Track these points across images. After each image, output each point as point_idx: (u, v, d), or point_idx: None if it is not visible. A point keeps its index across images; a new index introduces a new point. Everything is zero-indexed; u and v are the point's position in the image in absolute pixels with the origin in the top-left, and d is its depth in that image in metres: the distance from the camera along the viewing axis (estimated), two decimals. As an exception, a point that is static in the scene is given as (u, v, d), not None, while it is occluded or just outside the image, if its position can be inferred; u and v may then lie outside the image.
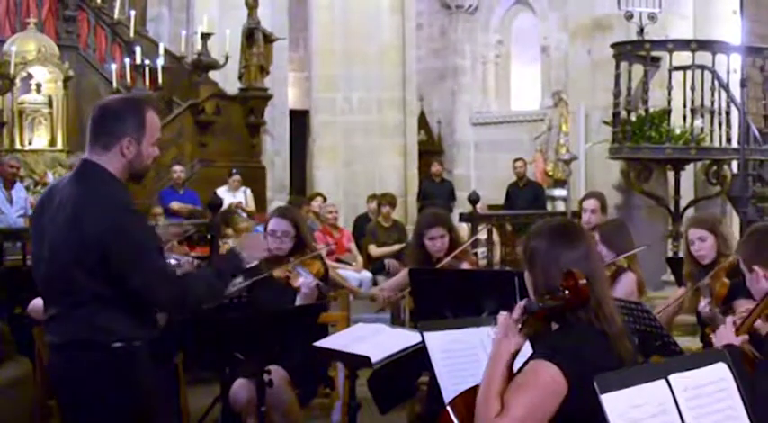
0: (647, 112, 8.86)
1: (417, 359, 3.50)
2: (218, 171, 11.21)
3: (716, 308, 4.41)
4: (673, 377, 2.24)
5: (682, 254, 5.76)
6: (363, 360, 3.71)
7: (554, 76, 14.92)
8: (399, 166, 12.64)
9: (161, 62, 11.67)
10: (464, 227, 8.46)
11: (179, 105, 11.67)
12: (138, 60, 11.68)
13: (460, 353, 3.11)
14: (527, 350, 2.58)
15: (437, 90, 16.75)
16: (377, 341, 3.81)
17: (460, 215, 8.82)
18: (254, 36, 11.64)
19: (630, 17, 9.09)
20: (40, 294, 3.39)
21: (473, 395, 2.57)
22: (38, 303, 4.32)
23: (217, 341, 3.87)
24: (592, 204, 6.29)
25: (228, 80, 12.07)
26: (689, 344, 4.83)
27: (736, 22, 8.78)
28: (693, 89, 8.70)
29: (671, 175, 9.26)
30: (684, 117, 8.75)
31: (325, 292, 4.83)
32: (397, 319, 6.70)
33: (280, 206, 6.37)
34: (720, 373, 2.32)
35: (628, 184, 9.30)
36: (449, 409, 2.85)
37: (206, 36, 11.65)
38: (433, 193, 13.21)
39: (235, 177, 10.90)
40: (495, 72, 16.46)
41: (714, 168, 9.24)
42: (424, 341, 3.15)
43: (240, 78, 11.87)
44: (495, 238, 9.45)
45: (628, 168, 9.25)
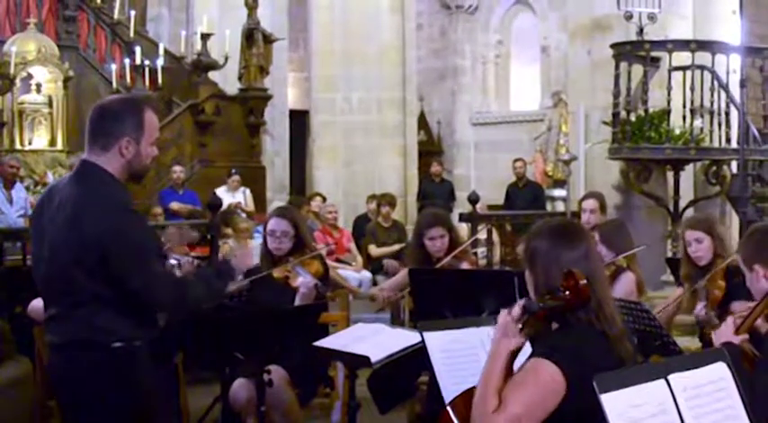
0: (646, 112, 8.85)
1: (417, 359, 3.50)
2: (217, 171, 11.20)
3: (711, 311, 4.42)
4: (672, 377, 2.24)
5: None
6: (363, 360, 3.71)
7: (554, 77, 14.92)
8: (399, 167, 12.62)
9: (161, 62, 11.67)
10: (464, 227, 8.47)
11: (179, 106, 11.67)
12: (138, 61, 11.69)
13: (460, 353, 3.11)
14: (528, 350, 2.58)
15: (437, 90, 16.76)
16: (377, 341, 3.81)
17: (460, 215, 8.83)
18: (253, 36, 11.64)
19: (630, 17, 9.08)
20: (40, 294, 3.39)
21: (473, 395, 2.56)
22: (38, 304, 4.32)
23: (217, 341, 3.87)
24: (591, 204, 6.29)
25: (228, 80, 12.07)
26: (688, 344, 4.83)
27: (736, 23, 8.78)
28: (693, 89, 8.69)
29: (670, 175, 9.26)
30: (684, 117, 8.75)
31: (324, 292, 4.83)
32: (396, 319, 6.70)
33: (279, 206, 6.35)
34: (720, 372, 2.32)
35: (627, 184, 9.29)
36: (449, 409, 2.85)
37: (206, 36, 11.65)
38: (432, 194, 13.20)
39: (234, 178, 10.89)
40: (495, 72, 16.46)
41: (714, 168, 9.24)
42: (423, 341, 3.15)
43: (240, 79, 11.87)
44: (495, 238, 9.46)
45: (627, 168, 9.24)
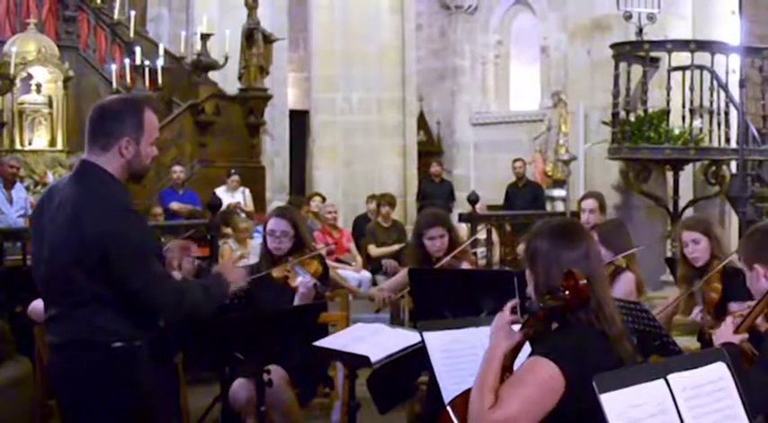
0: (645, 112, 8.85)
1: (417, 359, 3.50)
2: (217, 171, 11.21)
3: (708, 315, 4.42)
4: (672, 377, 2.24)
5: (680, 255, 5.75)
6: (363, 360, 3.71)
7: (553, 77, 14.92)
8: (399, 167, 12.63)
9: (161, 62, 11.68)
10: (463, 227, 8.47)
11: (179, 106, 11.68)
12: (138, 61, 11.70)
13: (460, 353, 3.11)
14: (528, 350, 2.58)
15: (437, 90, 16.76)
16: (376, 341, 3.81)
17: (460, 215, 8.83)
18: (253, 36, 11.65)
19: (629, 17, 9.08)
20: (40, 295, 3.39)
21: (473, 395, 2.57)
22: (38, 305, 4.31)
23: (216, 341, 3.87)
24: (590, 204, 6.29)
25: (228, 80, 12.08)
26: (688, 343, 4.82)
27: (735, 23, 8.78)
28: (692, 89, 8.69)
29: (670, 175, 9.26)
30: (683, 117, 8.74)
31: (323, 292, 4.83)
32: (396, 319, 6.70)
33: (279, 206, 6.35)
34: (719, 372, 2.32)
35: (627, 184, 9.29)
36: (449, 409, 2.86)
37: (206, 36, 11.66)
38: (432, 194, 13.21)
39: (233, 178, 10.89)
40: (495, 72, 16.46)
41: (713, 168, 9.23)
42: (423, 341, 3.16)
43: (240, 79, 11.87)
44: (495, 238, 9.47)
45: (627, 168, 9.24)
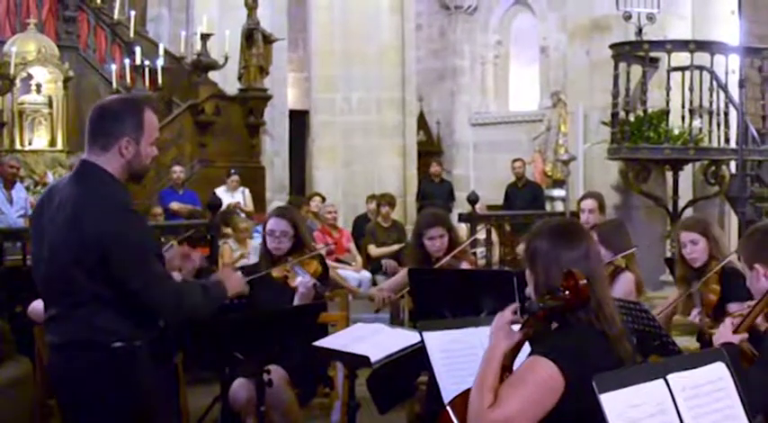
0: (645, 112, 8.85)
1: (416, 359, 3.50)
2: (217, 171, 11.22)
3: (706, 318, 4.42)
4: (671, 377, 2.24)
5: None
6: (363, 360, 3.71)
7: (553, 77, 14.93)
8: (398, 167, 12.63)
9: (161, 63, 11.68)
10: (463, 227, 8.48)
11: (179, 106, 11.68)
12: (138, 61, 11.71)
13: (459, 353, 3.12)
14: (528, 350, 2.58)
15: (436, 90, 16.77)
16: (376, 341, 3.82)
17: (459, 215, 8.83)
18: (253, 36, 11.65)
19: (629, 18, 9.08)
20: (40, 295, 3.39)
21: (473, 395, 2.57)
22: (38, 306, 4.31)
23: (216, 341, 3.87)
24: (590, 204, 6.29)
25: (228, 81, 12.08)
26: (687, 343, 4.83)
27: (735, 23, 8.78)
28: (692, 90, 8.69)
29: (669, 175, 9.26)
30: (683, 117, 8.75)
31: (322, 292, 4.83)
32: (396, 319, 6.70)
33: (278, 206, 6.36)
34: (719, 372, 2.32)
35: (626, 184, 9.29)
36: (448, 409, 2.86)
37: (205, 36, 11.67)
38: (432, 194, 13.21)
39: (233, 178, 10.89)
40: (494, 72, 16.47)
41: (712, 169, 9.23)
42: (423, 341, 3.16)
43: (240, 79, 11.88)
44: (494, 238, 9.48)
45: (626, 169, 9.24)
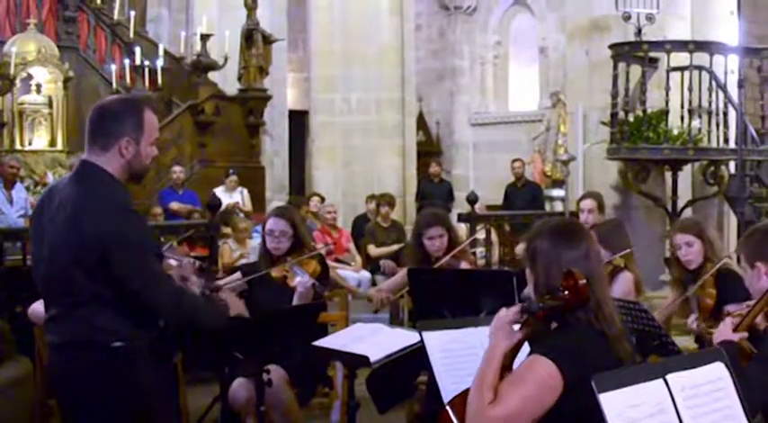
0: (644, 112, 8.85)
1: (416, 359, 3.50)
2: (217, 171, 11.22)
3: (703, 323, 4.42)
4: (670, 377, 2.25)
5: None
6: (362, 360, 3.71)
7: (552, 77, 14.93)
8: (398, 167, 12.63)
9: (160, 63, 11.69)
10: (462, 227, 8.48)
11: (178, 106, 11.68)
12: (138, 61, 11.71)
13: (459, 352, 3.12)
14: (528, 349, 2.59)
15: (436, 91, 16.78)
16: (376, 341, 3.82)
17: (459, 215, 8.84)
18: (253, 37, 11.65)
19: (628, 18, 9.08)
20: (40, 295, 3.39)
21: (472, 395, 2.58)
22: (37, 308, 4.31)
23: (216, 341, 3.87)
24: (589, 204, 6.30)
25: (228, 81, 12.08)
26: (686, 343, 4.83)
27: (734, 23, 8.79)
28: (691, 90, 8.69)
29: (668, 175, 9.25)
30: (682, 118, 8.74)
31: (322, 292, 4.83)
32: (395, 319, 6.71)
33: (278, 206, 6.36)
34: (718, 372, 2.33)
35: (625, 184, 9.29)
36: (448, 408, 2.87)
37: (205, 37, 11.67)
38: (431, 194, 13.21)
39: (231, 178, 10.89)
40: (494, 73, 16.48)
41: (712, 169, 9.23)
42: (422, 341, 3.16)
43: (239, 79, 11.88)
44: (494, 237, 9.48)
45: (625, 169, 9.24)
